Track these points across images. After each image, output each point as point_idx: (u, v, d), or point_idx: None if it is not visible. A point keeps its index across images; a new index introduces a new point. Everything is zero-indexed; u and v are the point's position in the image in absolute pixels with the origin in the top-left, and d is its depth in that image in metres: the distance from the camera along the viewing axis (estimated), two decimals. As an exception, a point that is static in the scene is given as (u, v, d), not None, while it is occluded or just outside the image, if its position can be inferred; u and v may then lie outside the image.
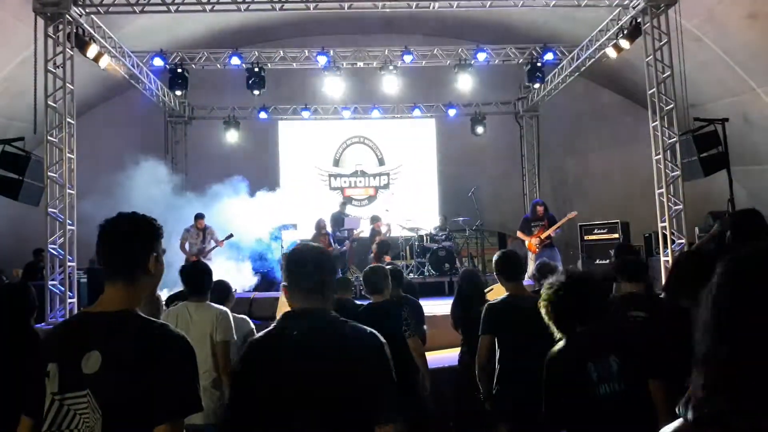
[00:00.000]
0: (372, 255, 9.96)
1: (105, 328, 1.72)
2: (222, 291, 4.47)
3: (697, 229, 10.08)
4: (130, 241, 1.82)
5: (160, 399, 1.66)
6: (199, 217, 10.62)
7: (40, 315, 7.52)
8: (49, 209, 8.14)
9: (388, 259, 9.56)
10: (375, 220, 11.73)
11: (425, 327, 4.94)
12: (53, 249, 8.16)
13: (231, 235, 10.60)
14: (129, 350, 1.68)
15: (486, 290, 5.52)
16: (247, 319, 4.58)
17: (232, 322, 3.94)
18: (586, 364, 2.55)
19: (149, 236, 1.85)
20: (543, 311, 2.76)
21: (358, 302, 5.05)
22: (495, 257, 4.28)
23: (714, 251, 4.01)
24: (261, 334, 2.08)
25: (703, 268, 3.22)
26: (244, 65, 11.48)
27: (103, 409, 1.65)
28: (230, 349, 3.86)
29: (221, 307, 3.99)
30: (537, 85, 12.37)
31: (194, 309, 3.90)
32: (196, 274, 4.07)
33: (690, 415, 1.00)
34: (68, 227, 8.15)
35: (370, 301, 4.46)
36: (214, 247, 10.50)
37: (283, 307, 6.92)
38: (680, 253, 7.46)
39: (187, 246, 10.50)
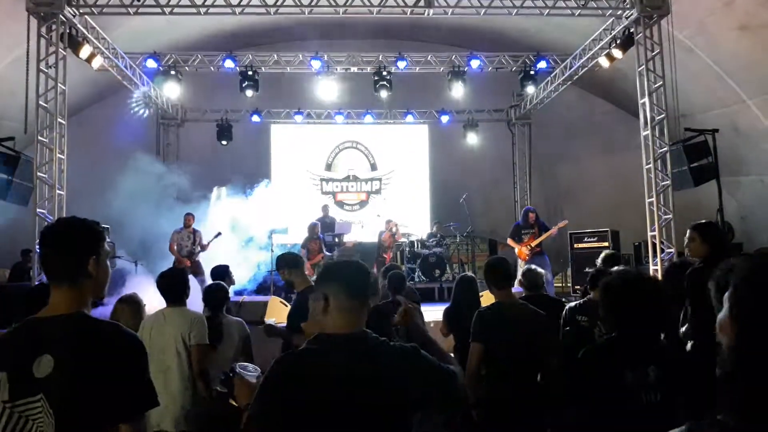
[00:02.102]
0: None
1: (55, 331, 1.72)
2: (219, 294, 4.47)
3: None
4: (67, 245, 1.84)
5: (116, 398, 1.68)
6: (188, 215, 10.52)
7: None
8: (38, 210, 8.09)
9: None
10: (388, 223, 11.81)
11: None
12: (41, 250, 8.08)
13: (219, 234, 10.49)
14: (81, 351, 1.69)
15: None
16: (243, 321, 4.56)
17: (206, 327, 3.93)
18: (622, 370, 2.54)
19: (87, 240, 1.86)
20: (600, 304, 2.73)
21: None
22: (485, 265, 4.28)
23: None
24: (298, 353, 1.97)
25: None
26: (237, 68, 11.46)
27: (57, 412, 1.65)
28: (206, 352, 3.86)
29: (196, 312, 4.01)
30: (531, 89, 12.38)
31: (169, 313, 3.93)
32: (172, 283, 4.06)
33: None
34: (57, 228, 8.08)
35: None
36: (199, 251, 10.42)
37: (272, 312, 6.85)
38: (670, 264, 7.50)
39: (176, 248, 10.42)
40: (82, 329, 1.75)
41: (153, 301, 4.42)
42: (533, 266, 5.38)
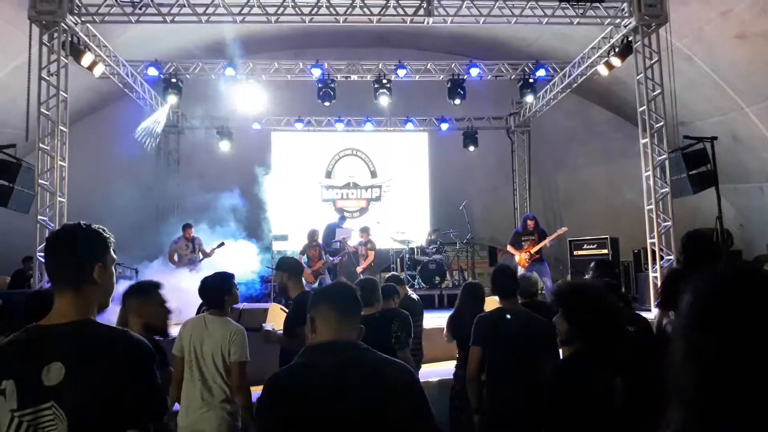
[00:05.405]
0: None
1: (65, 338, 1.70)
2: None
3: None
4: (72, 252, 1.80)
5: (127, 405, 1.67)
6: (187, 227, 10.56)
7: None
8: (39, 217, 8.11)
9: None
10: (364, 231, 11.72)
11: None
12: (42, 257, 8.11)
13: (222, 244, 10.52)
14: (92, 358, 1.68)
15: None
16: (242, 327, 4.55)
17: (247, 341, 3.80)
18: (593, 381, 2.54)
19: (92, 246, 1.83)
20: (556, 322, 2.74)
21: None
22: (492, 272, 4.32)
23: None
24: (287, 368, 2.04)
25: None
26: (238, 76, 11.51)
27: (70, 417, 1.64)
28: (244, 369, 3.74)
29: (237, 324, 3.85)
30: (530, 98, 12.42)
31: (211, 321, 3.79)
32: (214, 287, 3.91)
33: None
34: (58, 235, 8.11)
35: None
36: (202, 259, 10.43)
37: (273, 319, 6.86)
38: (670, 270, 7.53)
39: (176, 257, 10.43)
40: (93, 336, 1.74)
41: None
42: (527, 273, 5.40)
